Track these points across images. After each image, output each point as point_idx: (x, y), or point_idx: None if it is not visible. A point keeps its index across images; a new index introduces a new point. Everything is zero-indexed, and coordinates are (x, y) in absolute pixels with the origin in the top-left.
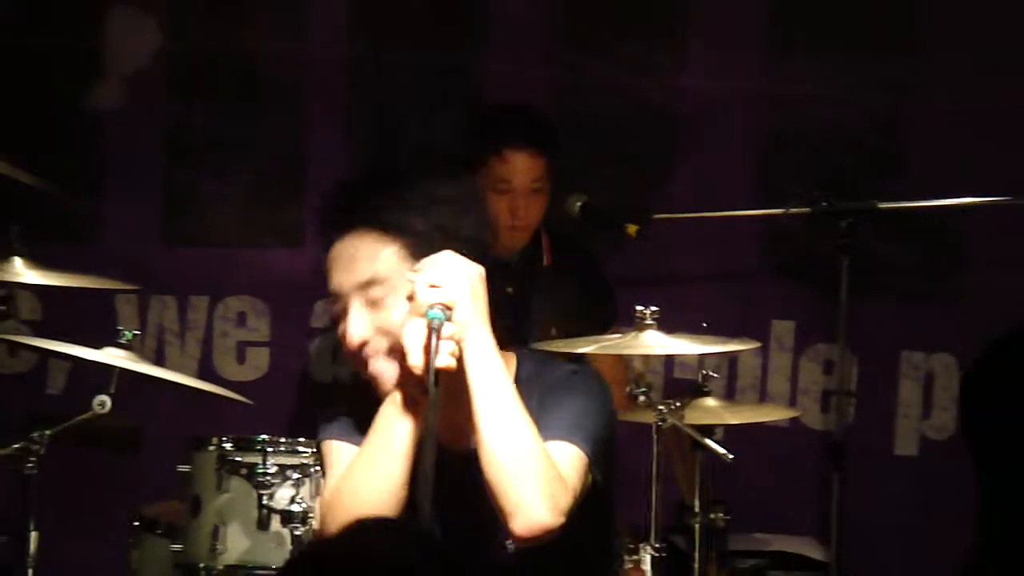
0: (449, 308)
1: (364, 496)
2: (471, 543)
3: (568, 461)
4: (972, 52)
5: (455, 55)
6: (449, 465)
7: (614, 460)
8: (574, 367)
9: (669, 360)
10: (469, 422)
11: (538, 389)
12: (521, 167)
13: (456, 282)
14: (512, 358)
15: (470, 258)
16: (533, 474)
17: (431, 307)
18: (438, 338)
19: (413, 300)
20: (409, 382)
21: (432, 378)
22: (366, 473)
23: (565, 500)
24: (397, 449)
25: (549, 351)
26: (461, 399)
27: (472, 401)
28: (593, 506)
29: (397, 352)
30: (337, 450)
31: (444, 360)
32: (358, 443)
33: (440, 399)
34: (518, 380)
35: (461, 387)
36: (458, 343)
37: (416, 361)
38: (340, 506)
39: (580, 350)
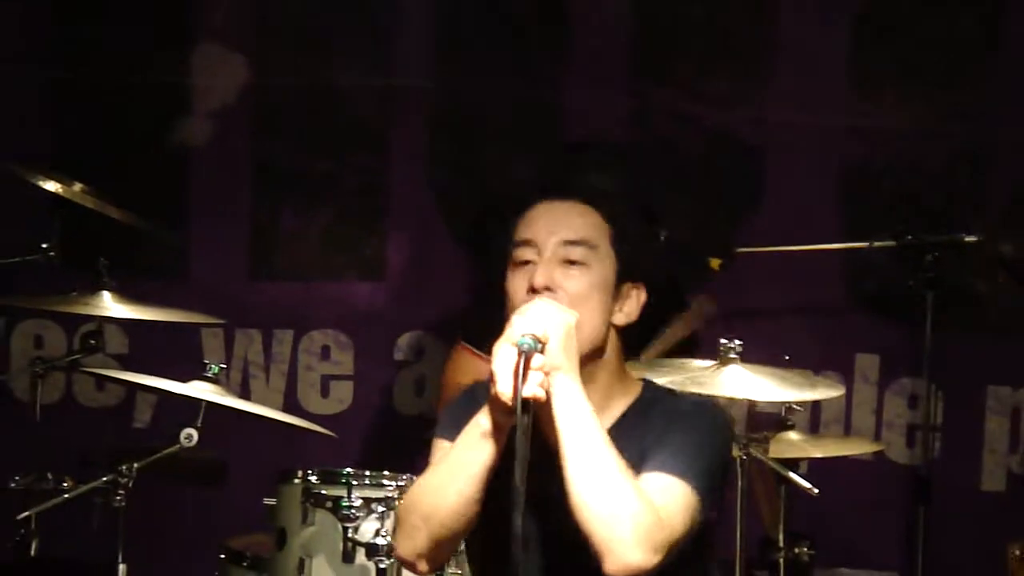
0: (541, 342)
1: (434, 505)
2: (571, 568)
3: (674, 498)
4: None
5: (536, 89)
6: (555, 494)
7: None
8: (697, 400)
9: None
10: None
11: (660, 420)
12: None
13: (551, 326)
14: (637, 386)
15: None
16: (624, 516)
17: (523, 335)
18: (527, 365)
19: (508, 332)
20: (497, 407)
21: (520, 404)
22: (441, 484)
23: (662, 538)
24: (472, 470)
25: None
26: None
27: (561, 448)
28: (697, 543)
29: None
30: (441, 447)
31: (532, 389)
32: None
33: (529, 426)
34: (637, 410)
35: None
36: (547, 377)
37: (504, 388)
38: (412, 511)
39: (661, 380)
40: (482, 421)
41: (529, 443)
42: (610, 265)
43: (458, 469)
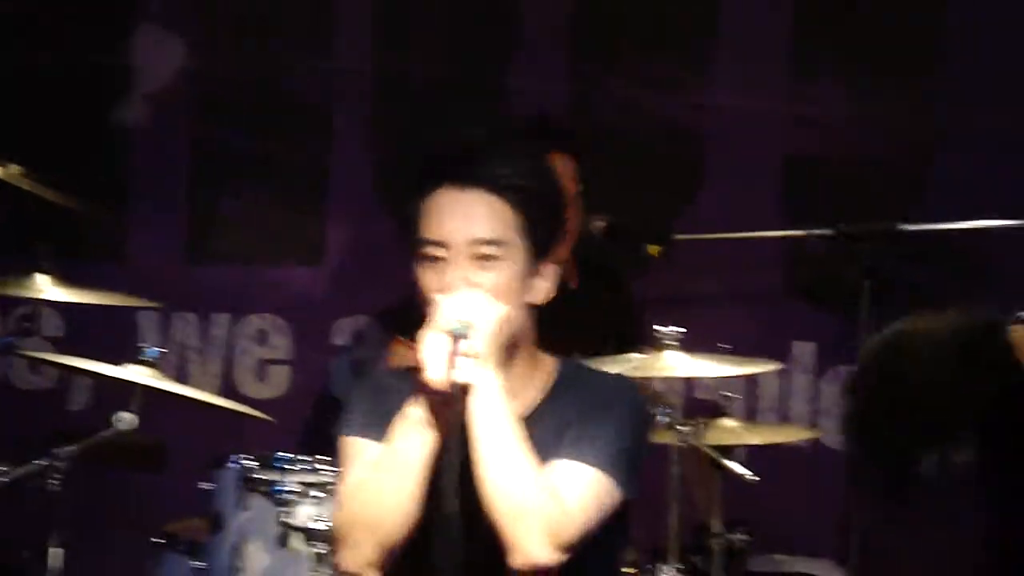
0: (468, 327)
1: (378, 513)
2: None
3: (588, 489)
4: (995, 73)
5: (479, 72)
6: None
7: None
8: (614, 378)
9: (690, 381)
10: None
11: (577, 401)
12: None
13: (479, 315)
14: (551, 365)
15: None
16: (532, 515)
17: (455, 322)
18: (457, 351)
19: (434, 317)
20: (428, 395)
21: (457, 390)
22: (381, 489)
23: (569, 534)
24: (412, 466)
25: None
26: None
27: (474, 441)
28: (608, 529)
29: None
30: (354, 446)
31: (465, 374)
32: (378, 439)
33: (461, 410)
34: (555, 391)
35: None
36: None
37: (434, 375)
38: (353, 523)
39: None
40: (412, 413)
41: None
42: (522, 253)
43: (397, 468)
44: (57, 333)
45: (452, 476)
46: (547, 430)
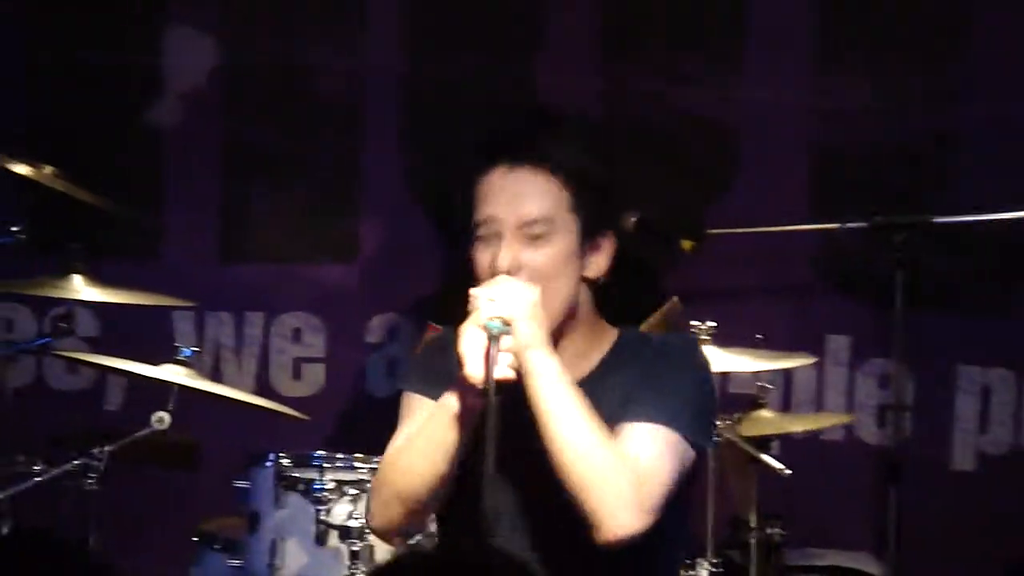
0: (508, 323)
1: (408, 483)
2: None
3: (660, 448)
4: (1022, 62)
5: (509, 69)
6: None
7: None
8: (673, 337)
9: (724, 374)
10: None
11: (638, 362)
12: None
13: (516, 303)
14: (613, 333)
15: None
16: (613, 486)
17: (490, 319)
18: (497, 347)
19: (472, 312)
20: (465, 389)
21: (492, 386)
22: (413, 463)
23: (650, 496)
24: (444, 449)
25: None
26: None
27: (540, 423)
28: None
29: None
30: (411, 402)
31: (503, 371)
32: (435, 397)
33: (498, 407)
34: (615, 356)
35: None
36: (517, 357)
37: (473, 370)
38: (386, 484)
39: None
40: (450, 402)
41: (499, 423)
42: (573, 229)
43: (430, 448)
44: (93, 333)
45: (490, 466)
46: (610, 393)
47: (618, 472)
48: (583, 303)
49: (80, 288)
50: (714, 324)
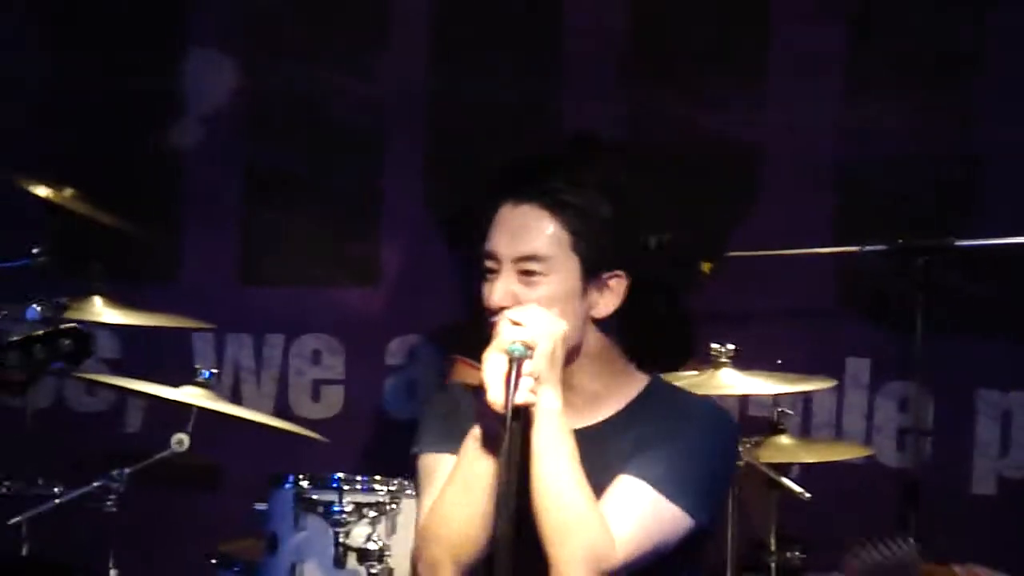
0: (530, 348)
1: (462, 533)
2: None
3: (644, 508)
4: None
5: (531, 92)
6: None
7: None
8: (701, 400)
9: (744, 397)
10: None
11: (654, 416)
12: None
13: (540, 331)
14: (640, 382)
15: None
16: (574, 538)
17: (512, 342)
18: (519, 372)
19: (496, 336)
20: (489, 416)
21: (510, 412)
22: (459, 511)
23: (612, 562)
24: (479, 484)
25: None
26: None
27: (532, 460)
28: (683, 553)
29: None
30: (430, 462)
31: (524, 396)
32: (454, 451)
33: (520, 432)
34: (637, 406)
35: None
36: (537, 383)
37: (495, 396)
38: (435, 542)
39: None
40: (478, 432)
41: (520, 449)
42: (574, 269)
43: (470, 487)
44: (113, 355)
45: (509, 495)
46: (624, 443)
47: (584, 528)
48: (593, 343)
49: (101, 310)
50: (734, 347)
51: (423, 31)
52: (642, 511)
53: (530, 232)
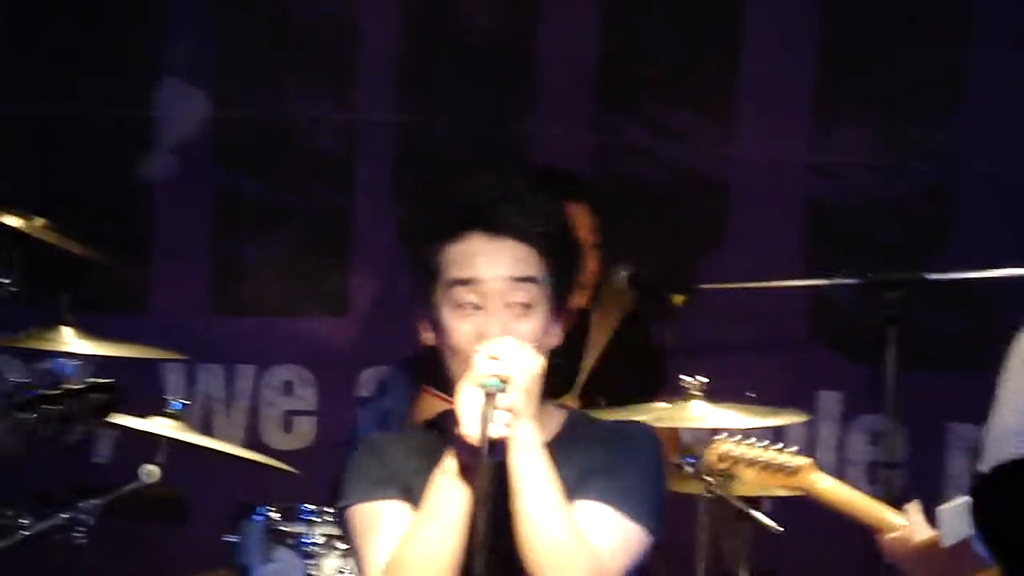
0: (505, 381)
1: (428, 566)
2: None
3: (618, 537)
4: (1019, 121)
5: (502, 123)
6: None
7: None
8: (629, 423)
9: (716, 431)
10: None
11: (592, 444)
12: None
13: (516, 366)
14: (560, 410)
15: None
16: (571, 568)
17: (488, 376)
18: (493, 406)
19: (471, 369)
20: (463, 450)
21: (486, 447)
22: (427, 543)
23: None
24: (456, 520)
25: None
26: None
27: (514, 494)
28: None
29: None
30: (369, 511)
31: (499, 430)
32: (392, 497)
33: (495, 466)
34: (568, 433)
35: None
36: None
37: (470, 430)
38: None
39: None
40: (449, 467)
41: (494, 484)
42: (548, 298)
43: (444, 524)
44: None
45: (486, 530)
46: (562, 472)
47: (576, 560)
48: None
49: (70, 340)
50: (705, 380)
51: (393, 62)
52: (614, 535)
53: (517, 259)
